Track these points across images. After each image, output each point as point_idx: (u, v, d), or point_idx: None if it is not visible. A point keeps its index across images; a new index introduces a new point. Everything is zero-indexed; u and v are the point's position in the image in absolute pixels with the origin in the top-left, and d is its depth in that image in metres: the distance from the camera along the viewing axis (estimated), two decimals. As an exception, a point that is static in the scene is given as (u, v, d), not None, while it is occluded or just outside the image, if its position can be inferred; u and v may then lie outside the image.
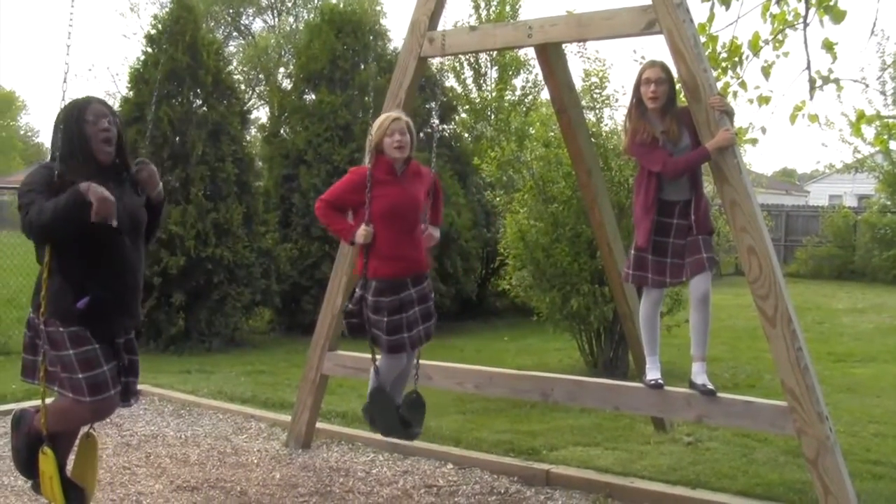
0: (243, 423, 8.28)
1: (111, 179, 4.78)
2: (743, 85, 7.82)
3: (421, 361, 7.00)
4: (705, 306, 5.93)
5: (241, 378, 10.65)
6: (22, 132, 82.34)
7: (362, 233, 5.71)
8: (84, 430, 5.20)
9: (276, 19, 48.15)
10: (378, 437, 7.27)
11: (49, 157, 4.84)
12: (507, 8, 23.19)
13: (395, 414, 5.95)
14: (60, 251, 4.68)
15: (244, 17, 48.78)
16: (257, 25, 48.99)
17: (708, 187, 6.70)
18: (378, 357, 5.92)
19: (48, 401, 4.86)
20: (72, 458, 5.22)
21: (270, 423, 8.23)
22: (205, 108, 13.44)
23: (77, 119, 4.71)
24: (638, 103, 5.98)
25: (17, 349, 11.96)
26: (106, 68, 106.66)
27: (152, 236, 5.27)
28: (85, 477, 5.16)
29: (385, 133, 5.77)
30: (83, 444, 5.22)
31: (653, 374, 6.07)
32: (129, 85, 13.70)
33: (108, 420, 8.13)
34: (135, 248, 4.91)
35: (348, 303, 5.95)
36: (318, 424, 7.67)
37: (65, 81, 4.83)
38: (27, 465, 5.00)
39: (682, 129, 5.85)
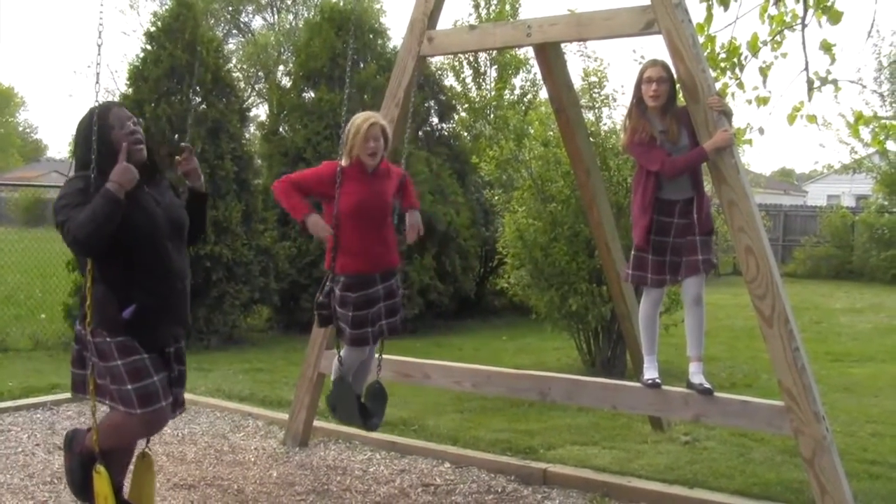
0: (241, 421, 8.29)
1: (146, 182, 4.72)
2: (741, 85, 7.87)
3: (420, 360, 7.03)
4: (699, 308, 5.95)
5: (238, 376, 10.66)
6: (21, 129, 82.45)
7: (317, 222, 5.73)
8: (139, 449, 5.10)
9: (276, 17, 48.20)
10: (375, 435, 7.30)
11: (73, 168, 4.73)
12: (507, 7, 23.19)
13: (356, 403, 6.00)
14: (102, 259, 4.55)
15: (244, 15, 48.88)
16: (257, 23, 49.10)
17: (707, 186, 6.71)
18: (342, 348, 6.00)
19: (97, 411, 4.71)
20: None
21: (268, 421, 8.23)
22: (204, 106, 13.45)
23: (101, 127, 4.57)
24: (638, 102, 5.98)
25: (15, 346, 12.08)
26: (105, 65, 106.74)
27: (201, 233, 5.25)
28: (142, 498, 5.06)
29: (360, 138, 5.79)
30: (139, 464, 5.12)
31: (650, 373, 6.07)
32: (129, 82, 13.69)
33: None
34: (178, 251, 4.82)
35: (318, 294, 5.98)
36: (316, 423, 7.67)
37: (97, 83, 4.72)
38: (82, 486, 4.83)
39: (681, 128, 5.84)
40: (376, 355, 6.33)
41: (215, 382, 10.01)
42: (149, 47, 13.61)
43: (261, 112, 41.58)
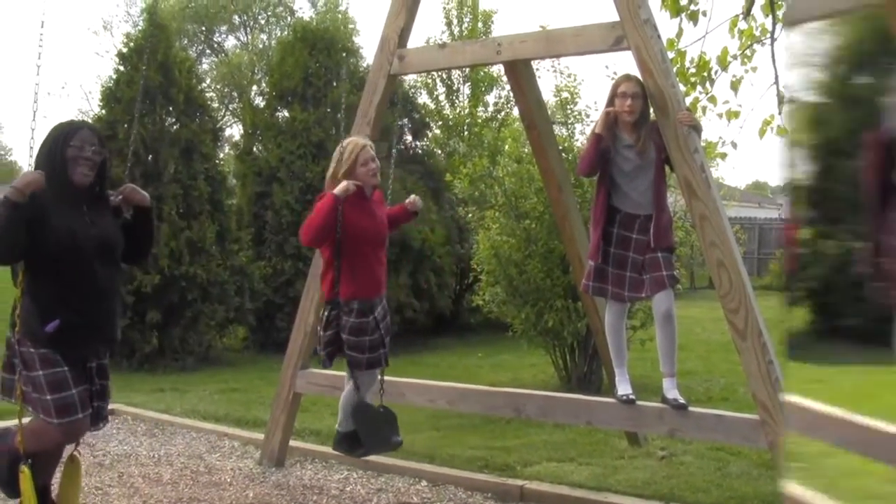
0: (217, 442, 8.24)
1: (84, 202, 4.83)
2: (712, 99, 7.89)
3: (394, 378, 7.02)
4: (669, 323, 5.85)
5: (214, 396, 10.61)
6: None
7: (343, 186, 5.62)
8: (69, 451, 5.20)
9: (249, 37, 48.15)
10: (352, 454, 7.28)
11: None
12: (480, 24, 23.24)
13: (384, 423, 5.97)
14: (30, 273, 4.71)
15: (217, 35, 48.77)
16: (230, 43, 49.00)
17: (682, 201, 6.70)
18: (355, 377, 5.90)
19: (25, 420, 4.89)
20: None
21: (244, 441, 8.19)
22: (177, 126, 13.44)
23: (62, 143, 4.71)
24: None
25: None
26: (79, 86, 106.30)
27: (149, 244, 5.36)
28: (67, 499, 5.19)
29: (359, 163, 5.77)
30: (67, 466, 5.23)
31: (623, 388, 6.03)
32: (101, 103, 13.68)
33: (81, 440, 8.13)
34: (106, 271, 4.90)
35: (321, 330, 5.88)
36: (292, 442, 7.64)
37: (35, 102, 4.87)
38: (9, 483, 4.97)
39: (649, 143, 5.83)
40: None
41: (191, 403, 9.96)
42: (121, 68, 13.60)
43: (235, 132, 41.54)
